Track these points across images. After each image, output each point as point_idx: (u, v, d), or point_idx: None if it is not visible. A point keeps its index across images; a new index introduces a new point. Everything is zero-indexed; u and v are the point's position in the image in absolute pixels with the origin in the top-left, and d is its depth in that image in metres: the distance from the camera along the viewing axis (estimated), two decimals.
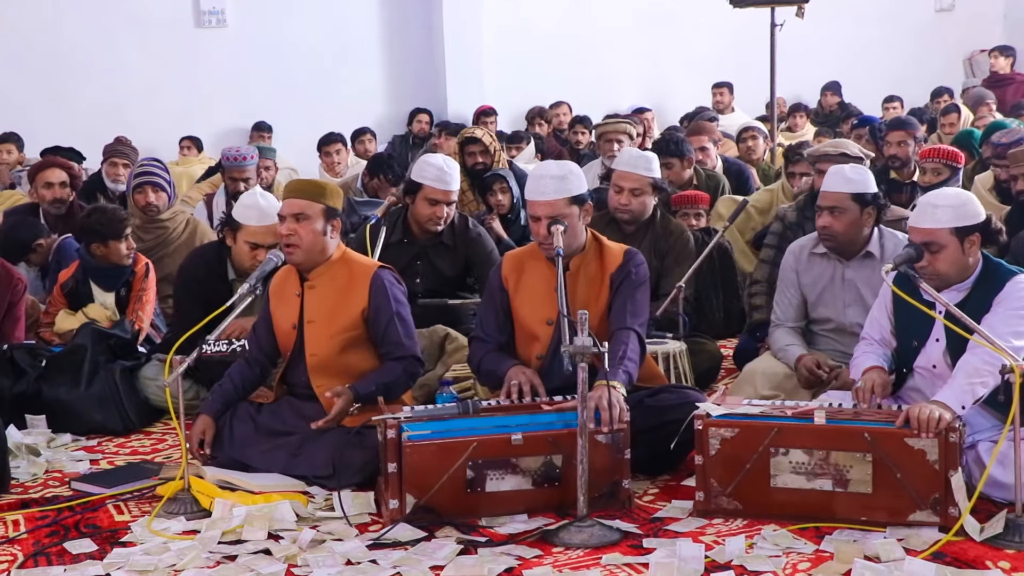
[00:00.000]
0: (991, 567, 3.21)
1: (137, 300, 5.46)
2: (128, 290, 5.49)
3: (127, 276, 5.51)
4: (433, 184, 5.19)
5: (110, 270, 5.51)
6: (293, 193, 4.21)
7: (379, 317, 4.15)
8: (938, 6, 14.75)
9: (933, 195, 3.96)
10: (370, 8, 11.83)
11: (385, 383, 4.10)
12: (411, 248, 5.33)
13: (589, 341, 3.46)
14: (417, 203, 5.25)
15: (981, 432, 3.74)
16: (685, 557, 3.30)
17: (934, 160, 6.54)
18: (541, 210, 4.04)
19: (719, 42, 12.73)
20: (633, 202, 5.37)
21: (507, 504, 3.68)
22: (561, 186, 4.05)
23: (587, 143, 9.97)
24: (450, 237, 5.35)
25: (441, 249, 5.36)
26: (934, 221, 3.76)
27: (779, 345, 4.65)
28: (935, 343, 3.88)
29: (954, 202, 3.81)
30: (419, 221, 5.28)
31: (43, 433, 4.73)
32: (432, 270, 5.34)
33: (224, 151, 7.17)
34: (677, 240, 5.49)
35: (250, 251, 4.85)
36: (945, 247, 3.75)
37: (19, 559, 3.49)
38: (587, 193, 4.13)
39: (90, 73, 10.53)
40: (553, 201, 4.02)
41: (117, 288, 5.49)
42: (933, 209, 3.78)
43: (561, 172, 4.11)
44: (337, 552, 3.44)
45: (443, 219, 5.25)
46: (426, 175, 5.21)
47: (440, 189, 5.20)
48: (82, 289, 5.50)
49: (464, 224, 5.42)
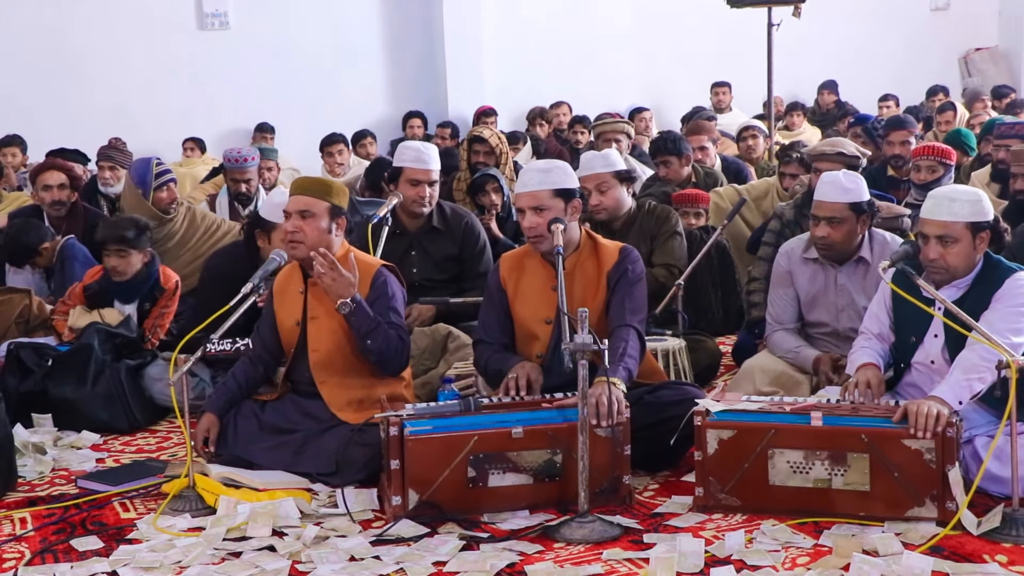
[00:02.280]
0: (988, 561, 3.23)
1: (159, 316, 5.47)
2: (152, 304, 5.50)
3: (151, 290, 5.50)
4: (412, 165, 5.36)
5: (131, 282, 5.49)
6: (299, 190, 4.23)
7: (374, 309, 4.16)
8: (933, 5, 14.79)
9: (950, 189, 3.97)
10: (371, 10, 11.86)
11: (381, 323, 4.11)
12: (404, 239, 5.42)
13: (589, 338, 3.48)
14: (401, 187, 5.39)
15: (978, 428, 3.76)
16: (685, 552, 3.32)
17: (928, 158, 6.58)
18: (524, 201, 4.08)
19: (717, 42, 12.78)
20: (604, 199, 5.41)
21: (509, 500, 3.71)
22: (544, 178, 4.08)
23: (586, 142, 10.00)
24: (441, 222, 5.47)
25: (432, 234, 5.46)
26: (951, 214, 3.78)
27: (786, 347, 4.64)
28: (933, 339, 3.90)
29: (971, 197, 3.84)
30: (405, 205, 5.40)
31: (49, 431, 4.77)
32: (426, 256, 5.42)
33: (225, 152, 7.19)
34: (660, 220, 5.55)
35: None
36: (959, 241, 3.78)
37: (26, 556, 3.52)
38: (575, 189, 4.13)
39: (94, 75, 10.57)
40: (535, 192, 4.06)
41: (141, 301, 5.49)
42: (950, 203, 3.80)
43: (546, 167, 4.16)
44: (340, 548, 3.47)
45: (426, 199, 5.37)
46: (404, 157, 5.41)
47: (419, 169, 5.36)
48: (103, 295, 5.50)
49: (455, 211, 5.56)
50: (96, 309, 5.47)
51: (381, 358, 4.14)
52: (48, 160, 7.09)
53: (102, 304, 5.48)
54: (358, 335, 4.10)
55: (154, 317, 5.49)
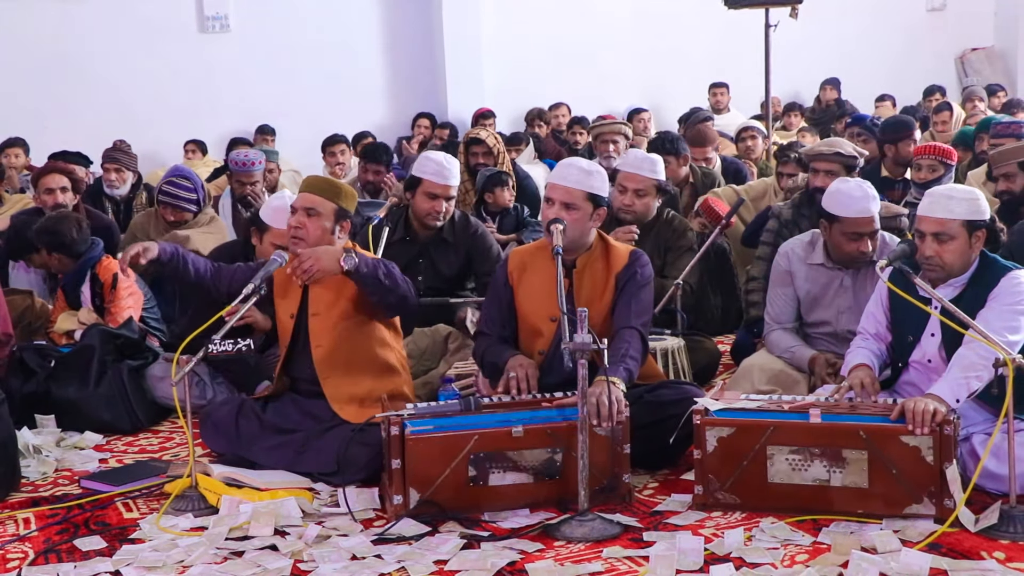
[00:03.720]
0: (986, 557, 3.25)
1: (108, 313, 5.40)
2: (101, 301, 5.48)
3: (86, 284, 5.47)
4: (432, 178, 5.28)
5: (67, 280, 5.52)
6: (309, 188, 4.26)
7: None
8: (929, 5, 14.82)
9: (947, 188, 3.99)
10: (371, 12, 11.89)
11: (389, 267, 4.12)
12: (413, 246, 5.38)
13: (589, 338, 3.50)
14: (417, 198, 5.32)
15: (975, 425, 3.79)
16: (685, 550, 3.34)
17: (929, 157, 6.58)
18: (557, 193, 4.07)
19: (714, 43, 12.82)
20: (637, 203, 5.42)
21: (509, 498, 3.73)
22: (585, 179, 4.09)
23: (585, 143, 10.03)
24: (451, 234, 5.41)
25: (442, 246, 5.41)
26: (948, 212, 3.80)
27: (783, 347, 4.65)
28: (930, 337, 3.92)
29: (968, 196, 3.85)
30: (419, 216, 5.34)
31: (53, 432, 4.79)
32: (433, 267, 5.40)
33: (232, 156, 7.23)
34: (678, 233, 5.53)
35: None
36: (955, 238, 3.79)
37: (30, 556, 3.54)
38: (605, 198, 4.16)
39: (96, 78, 10.59)
40: (571, 188, 4.06)
41: (89, 301, 5.47)
42: (948, 200, 3.82)
43: (589, 168, 4.16)
44: (342, 547, 3.48)
45: (442, 213, 5.31)
46: (426, 169, 5.31)
47: (439, 183, 5.28)
48: (71, 296, 5.55)
49: (465, 221, 5.48)
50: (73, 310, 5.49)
51: (399, 292, 4.10)
52: (50, 163, 7.10)
53: (75, 305, 5.50)
54: (373, 278, 4.05)
55: (106, 313, 5.41)
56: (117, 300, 5.41)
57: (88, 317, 5.41)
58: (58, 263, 5.55)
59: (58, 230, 5.46)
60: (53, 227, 5.50)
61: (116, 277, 5.43)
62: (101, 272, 5.47)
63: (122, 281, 5.42)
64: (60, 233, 5.45)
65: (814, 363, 4.51)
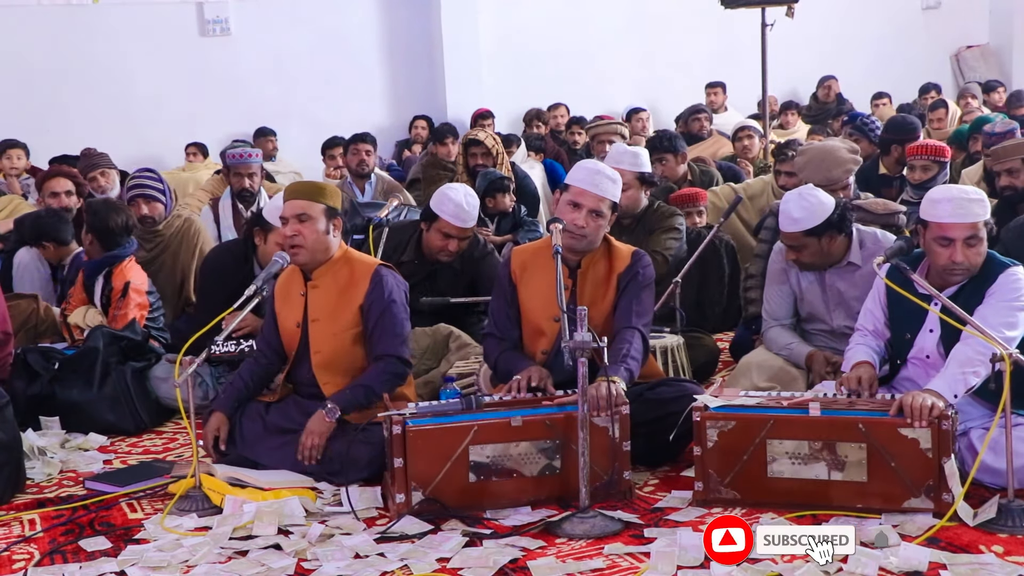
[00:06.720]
0: (984, 551, 3.26)
1: (113, 320, 5.42)
2: (108, 302, 5.49)
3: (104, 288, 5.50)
4: (450, 219, 5.21)
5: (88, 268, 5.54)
6: (294, 195, 4.25)
7: (372, 311, 4.18)
8: (924, 3, 14.85)
9: (959, 191, 3.94)
10: (370, 14, 11.91)
11: (363, 385, 4.13)
12: (420, 268, 5.35)
13: (589, 336, 3.52)
14: (431, 233, 5.27)
15: (973, 420, 3.80)
16: (685, 546, 3.34)
17: (923, 157, 6.58)
18: (588, 201, 4.11)
19: (711, 43, 12.85)
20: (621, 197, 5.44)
21: (511, 495, 3.75)
22: (613, 189, 4.17)
23: (583, 143, 10.07)
24: (458, 260, 5.38)
25: (448, 271, 5.40)
26: (974, 216, 3.79)
27: (780, 343, 4.66)
28: (929, 333, 3.92)
29: (982, 196, 3.87)
30: (430, 249, 5.31)
31: (57, 434, 4.81)
32: (437, 290, 5.37)
33: (227, 151, 7.19)
34: (663, 217, 5.62)
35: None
36: (983, 240, 3.82)
37: (36, 557, 3.55)
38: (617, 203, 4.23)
39: (98, 82, 10.60)
40: (603, 198, 4.13)
41: (101, 297, 5.50)
42: (970, 203, 3.81)
43: (614, 177, 4.21)
44: (345, 546, 3.50)
45: (454, 253, 5.27)
46: (444, 209, 5.22)
47: (456, 225, 5.22)
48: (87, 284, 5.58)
49: (473, 244, 5.43)
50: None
51: (373, 397, 4.14)
52: (55, 167, 7.08)
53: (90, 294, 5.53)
54: (356, 407, 4.11)
55: (111, 319, 5.43)
56: (125, 307, 5.41)
57: (93, 319, 5.43)
58: (90, 245, 5.55)
59: (107, 215, 5.47)
60: (103, 210, 5.51)
61: (128, 285, 5.45)
62: (116, 275, 5.49)
63: (133, 290, 5.44)
64: (107, 218, 5.46)
65: (812, 360, 4.53)
